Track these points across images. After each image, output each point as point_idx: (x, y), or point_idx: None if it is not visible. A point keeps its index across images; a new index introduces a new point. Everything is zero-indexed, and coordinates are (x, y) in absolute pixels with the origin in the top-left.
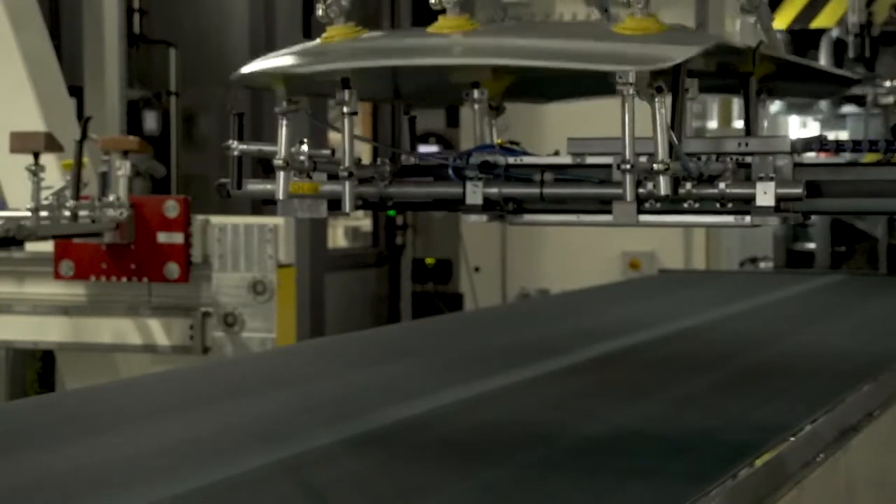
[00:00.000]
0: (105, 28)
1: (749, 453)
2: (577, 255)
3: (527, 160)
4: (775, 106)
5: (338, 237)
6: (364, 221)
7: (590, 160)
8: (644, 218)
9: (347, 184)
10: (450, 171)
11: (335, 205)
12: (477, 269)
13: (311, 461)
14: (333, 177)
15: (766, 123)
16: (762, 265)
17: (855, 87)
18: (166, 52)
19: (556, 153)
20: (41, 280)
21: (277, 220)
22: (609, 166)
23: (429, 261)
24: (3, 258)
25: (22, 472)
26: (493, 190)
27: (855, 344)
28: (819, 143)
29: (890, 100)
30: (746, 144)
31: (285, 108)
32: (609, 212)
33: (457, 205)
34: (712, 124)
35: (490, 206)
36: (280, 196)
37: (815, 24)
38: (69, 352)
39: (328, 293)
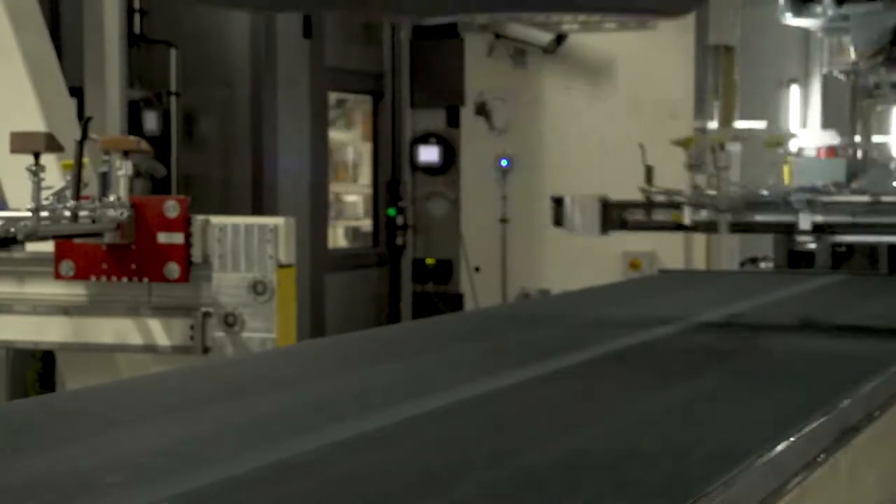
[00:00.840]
0: (105, 28)
1: (750, 453)
2: (578, 255)
3: (838, 199)
4: (778, 9)
5: (338, 237)
6: (364, 222)
7: (884, 199)
8: None
9: (723, 215)
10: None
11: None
12: (477, 270)
13: (312, 461)
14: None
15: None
16: (762, 265)
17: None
18: (167, 53)
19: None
20: (41, 280)
21: (278, 220)
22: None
23: (429, 261)
24: (3, 258)
25: (22, 472)
26: (818, 218)
27: (855, 344)
28: None
29: None
30: None
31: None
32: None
33: (790, 229)
34: (713, 124)
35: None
36: (687, 223)
37: None
38: (70, 352)
39: (329, 293)
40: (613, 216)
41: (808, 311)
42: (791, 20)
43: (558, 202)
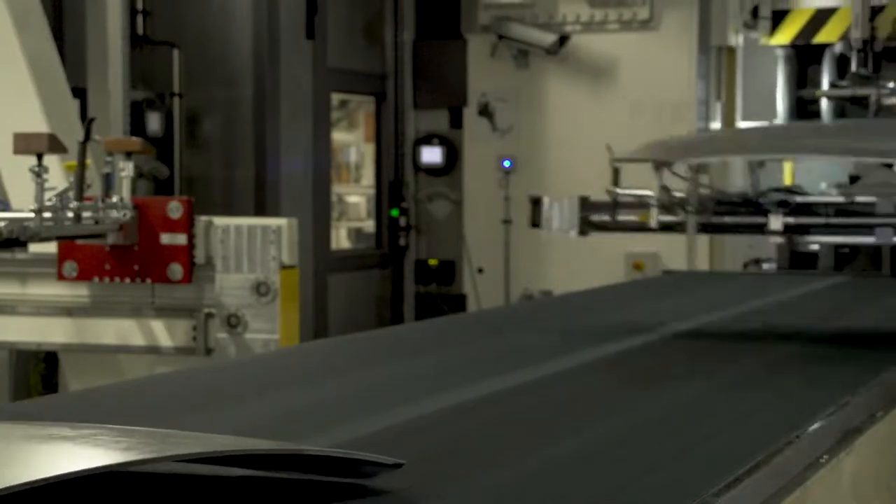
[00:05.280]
0: (108, 29)
1: (752, 455)
2: (581, 256)
3: (810, 199)
4: (777, 120)
5: (341, 238)
6: (367, 223)
7: (858, 199)
8: None
9: (692, 217)
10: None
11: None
12: (480, 271)
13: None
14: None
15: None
16: (766, 266)
17: (858, 88)
18: (169, 54)
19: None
20: (44, 281)
21: (280, 222)
22: (873, 204)
23: (432, 262)
24: (6, 259)
25: None
26: (790, 220)
27: (858, 345)
28: None
29: (894, 100)
30: None
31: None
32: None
33: (761, 229)
34: (715, 125)
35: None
36: (653, 225)
37: (818, 39)
38: (72, 353)
39: (331, 294)
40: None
41: (810, 313)
42: None
43: (536, 202)
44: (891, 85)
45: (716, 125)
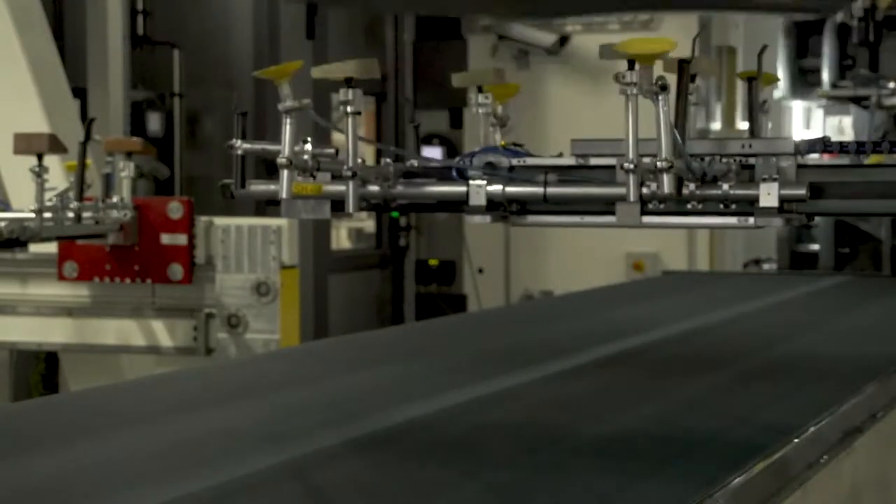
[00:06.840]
0: (109, 29)
1: (753, 455)
2: (581, 256)
3: (530, 161)
4: (778, 91)
5: (341, 238)
6: (367, 223)
7: (593, 161)
8: (647, 219)
9: (351, 184)
10: (453, 172)
11: (339, 206)
12: (480, 271)
13: (316, 462)
14: (337, 177)
15: (768, 106)
16: (766, 266)
17: (859, 88)
18: (170, 54)
19: (560, 155)
20: (45, 281)
21: (281, 222)
22: (613, 167)
23: (432, 262)
24: (6, 260)
25: (26, 473)
26: (497, 191)
27: (859, 345)
28: (823, 145)
29: (894, 101)
30: (750, 146)
31: (289, 105)
32: (613, 213)
33: (461, 206)
34: (716, 126)
35: (494, 207)
36: (283, 195)
37: None
38: (73, 353)
39: (332, 294)
40: None
41: (811, 313)
42: (794, 103)
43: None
44: (891, 85)
45: (716, 125)
